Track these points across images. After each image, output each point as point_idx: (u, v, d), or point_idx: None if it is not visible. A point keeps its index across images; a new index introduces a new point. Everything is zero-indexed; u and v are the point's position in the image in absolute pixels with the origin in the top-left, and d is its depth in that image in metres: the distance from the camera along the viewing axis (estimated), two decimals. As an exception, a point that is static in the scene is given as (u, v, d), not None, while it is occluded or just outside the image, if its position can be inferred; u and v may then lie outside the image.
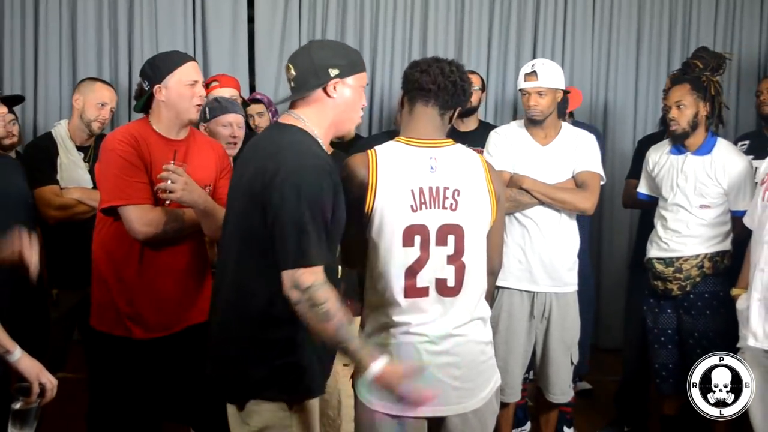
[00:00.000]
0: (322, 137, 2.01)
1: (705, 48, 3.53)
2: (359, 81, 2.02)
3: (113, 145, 2.44)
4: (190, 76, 2.49)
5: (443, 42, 5.03)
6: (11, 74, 4.74)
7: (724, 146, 3.18)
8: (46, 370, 1.97)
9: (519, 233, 3.11)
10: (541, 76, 3.09)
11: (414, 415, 2.05)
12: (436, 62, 2.09)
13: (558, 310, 3.15)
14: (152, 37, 4.83)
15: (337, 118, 2.01)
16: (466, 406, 2.09)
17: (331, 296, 1.81)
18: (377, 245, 2.04)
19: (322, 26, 4.97)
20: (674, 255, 3.16)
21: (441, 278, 2.05)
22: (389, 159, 2.06)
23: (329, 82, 1.96)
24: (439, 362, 2.05)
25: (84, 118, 3.33)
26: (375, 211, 2.02)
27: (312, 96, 1.98)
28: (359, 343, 1.91)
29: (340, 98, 1.98)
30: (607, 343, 4.94)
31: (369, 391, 2.02)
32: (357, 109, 2.04)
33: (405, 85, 2.13)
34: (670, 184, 3.21)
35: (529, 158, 3.13)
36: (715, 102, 3.17)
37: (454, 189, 2.06)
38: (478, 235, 2.10)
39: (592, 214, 3.21)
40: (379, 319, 2.07)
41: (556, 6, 5.09)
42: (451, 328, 2.06)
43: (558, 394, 3.23)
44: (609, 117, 5.17)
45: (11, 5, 4.71)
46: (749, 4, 5.18)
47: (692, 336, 3.18)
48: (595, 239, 4.85)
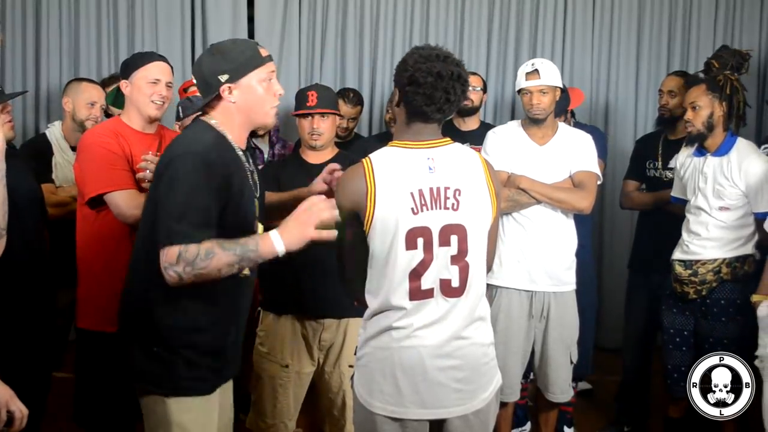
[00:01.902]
0: (235, 135, 2.08)
1: (725, 47, 3.49)
2: (258, 76, 2.05)
3: (92, 140, 2.56)
4: (153, 75, 2.61)
5: (443, 42, 5.02)
6: (12, 74, 4.76)
7: (742, 146, 3.09)
8: (17, 397, 1.91)
9: (517, 233, 3.11)
10: (543, 75, 3.10)
11: (416, 417, 2.04)
12: (440, 80, 1.96)
13: (557, 310, 3.14)
14: (152, 37, 4.83)
15: (245, 117, 2.08)
16: (467, 408, 2.08)
17: (196, 247, 1.87)
18: (380, 251, 2.01)
19: (322, 26, 4.98)
20: (693, 258, 3.10)
21: (445, 279, 2.03)
22: (386, 164, 2.03)
23: (220, 88, 2.03)
24: (442, 365, 2.04)
25: (76, 118, 3.41)
26: (376, 218, 1.99)
27: (214, 103, 2.07)
28: (251, 243, 1.93)
29: (239, 100, 2.05)
30: (607, 343, 4.93)
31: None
32: (264, 103, 2.07)
33: (405, 103, 2.04)
34: (692, 186, 3.16)
35: (526, 158, 3.12)
36: (734, 101, 3.09)
37: (455, 188, 2.03)
38: (481, 235, 2.08)
39: (589, 213, 3.20)
40: (381, 322, 2.05)
41: (556, 6, 5.09)
42: (454, 330, 2.05)
43: (558, 394, 3.23)
44: (609, 117, 5.16)
45: (12, 5, 4.72)
46: (749, 4, 5.18)
47: (707, 341, 3.10)
48: (596, 239, 4.84)
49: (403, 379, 2.02)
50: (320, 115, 2.90)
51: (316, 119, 2.90)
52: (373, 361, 2.05)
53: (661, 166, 3.72)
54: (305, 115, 2.92)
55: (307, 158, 2.95)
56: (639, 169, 3.84)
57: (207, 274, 1.89)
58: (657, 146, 3.77)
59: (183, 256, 1.86)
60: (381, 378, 2.04)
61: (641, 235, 3.90)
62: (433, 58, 1.99)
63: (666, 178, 3.64)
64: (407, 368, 2.02)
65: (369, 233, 2.01)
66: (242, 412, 3.36)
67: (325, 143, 2.93)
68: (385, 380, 2.03)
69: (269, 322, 2.93)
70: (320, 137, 2.90)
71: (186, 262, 1.86)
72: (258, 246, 1.92)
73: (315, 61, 5.00)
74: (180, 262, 1.87)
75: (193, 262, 1.86)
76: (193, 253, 1.86)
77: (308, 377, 2.97)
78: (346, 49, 5.00)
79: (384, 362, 2.03)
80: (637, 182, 3.85)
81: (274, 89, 2.09)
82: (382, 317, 2.05)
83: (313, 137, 2.90)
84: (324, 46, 4.99)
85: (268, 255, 1.94)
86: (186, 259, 1.86)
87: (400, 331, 2.03)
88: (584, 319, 3.28)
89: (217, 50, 2.09)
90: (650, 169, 3.78)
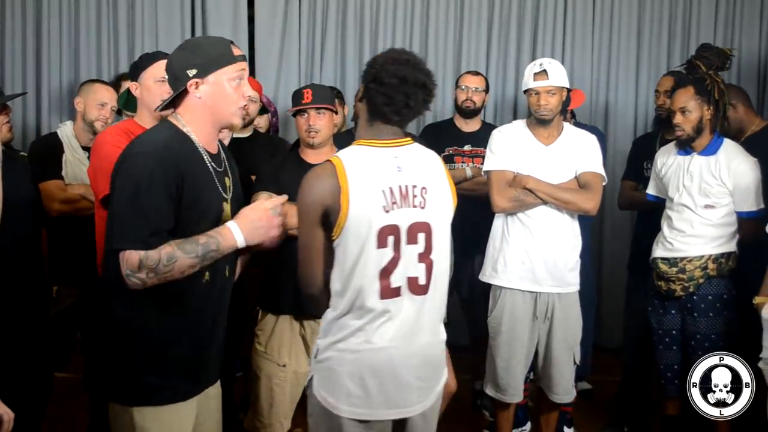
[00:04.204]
0: (202, 135, 2.05)
1: (708, 46, 3.50)
2: (226, 74, 2.02)
3: (105, 139, 2.52)
4: (161, 73, 2.53)
5: (443, 42, 5.04)
6: (12, 74, 4.76)
7: (730, 147, 3.16)
8: (1, 402, 1.92)
9: (522, 234, 3.11)
10: (551, 75, 3.10)
11: (383, 418, 2.03)
12: (403, 84, 1.97)
13: (561, 310, 3.15)
14: (152, 37, 4.84)
15: (211, 115, 2.04)
16: (425, 404, 2.08)
17: (157, 253, 1.87)
18: (351, 250, 1.97)
19: (322, 26, 4.98)
20: (678, 255, 3.14)
21: (413, 276, 2.02)
22: (357, 163, 2.00)
23: (187, 83, 2.00)
24: (409, 364, 2.03)
25: (86, 118, 3.42)
26: (350, 217, 1.96)
27: (182, 99, 2.04)
28: (212, 242, 1.94)
29: (205, 96, 2.02)
30: (607, 343, 4.94)
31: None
32: (230, 102, 2.04)
33: (367, 100, 2.05)
34: (676, 184, 3.19)
35: (532, 158, 3.13)
36: (720, 104, 3.14)
37: (422, 187, 2.04)
38: (444, 232, 2.10)
39: (595, 214, 3.21)
40: (350, 324, 2.01)
41: (556, 6, 5.09)
42: (422, 329, 2.05)
43: (561, 394, 3.23)
44: (609, 117, 5.17)
45: (12, 5, 4.73)
46: (749, 4, 5.18)
47: (694, 338, 3.15)
48: (596, 239, 4.84)
49: (371, 381, 2.00)
50: (316, 112, 2.91)
51: (312, 116, 2.90)
52: (340, 364, 2.01)
53: (659, 167, 3.73)
54: (302, 113, 2.93)
55: (306, 158, 2.94)
56: (636, 170, 3.85)
57: (171, 277, 1.90)
58: (654, 146, 3.76)
59: (145, 264, 1.86)
60: (349, 380, 2.00)
61: (639, 236, 3.89)
62: (402, 62, 1.99)
63: (664, 178, 3.65)
64: (377, 370, 2.00)
65: (341, 233, 1.98)
66: (243, 412, 3.37)
67: (323, 141, 2.93)
68: (353, 383, 2.00)
69: (267, 322, 2.94)
70: (317, 134, 2.91)
71: (148, 269, 1.87)
72: (219, 244, 1.95)
73: (315, 61, 5.00)
74: (142, 269, 1.87)
75: (155, 268, 1.87)
76: (154, 259, 1.86)
77: (305, 377, 2.97)
78: (346, 49, 5.00)
79: (353, 365, 2.00)
80: (634, 182, 3.85)
81: (243, 90, 2.05)
82: (351, 319, 2.01)
83: (311, 134, 2.91)
84: (324, 46, 4.99)
85: (229, 250, 1.97)
86: (148, 266, 1.86)
87: (371, 333, 2.00)
88: (583, 320, 3.28)
89: (189, 45, 2.07)
90: (647, 169, 3.77)
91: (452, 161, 3.97)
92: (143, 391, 2.00)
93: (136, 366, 1.99)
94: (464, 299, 4.04)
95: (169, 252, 1.88)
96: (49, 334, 2.89)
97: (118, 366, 2.01)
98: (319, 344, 2.08)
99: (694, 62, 3.32)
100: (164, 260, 1.87)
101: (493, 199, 3.13)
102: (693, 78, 3.24)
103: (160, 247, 1.87)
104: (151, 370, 1.99)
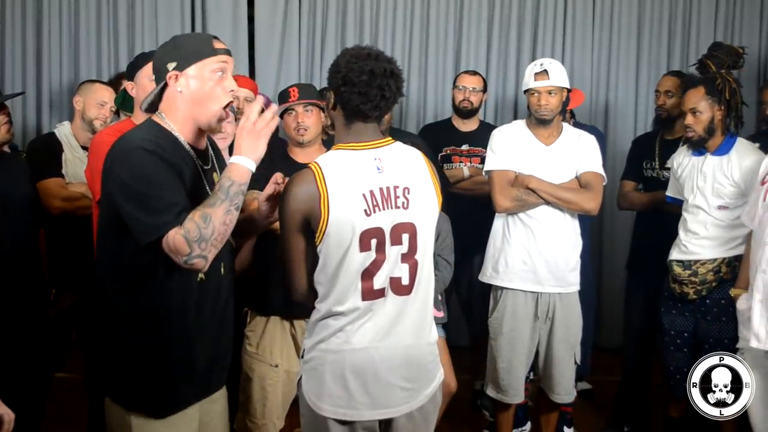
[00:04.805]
0: (184, 132, 1.98)
1: (719, 44, 3.47)
2: (207, 66, 1.94)
3: (103, 139, 2.51)
4: None
5: (443, 42, 5.04)
6: (12, 74, 4.76)
7: (743, 146, 3.12)
8: (2, 403, 1.91)
9: (523, 234, 3.11)
10: (552, 75, 3.10)
11: (366, 419, 2.03)
12: (374, 77, 1.96)
13: (562, 310, 3.15)
14: (152, 37, 4.83)
15: (191, 110, 1.96)
16: (412, 405, 2.07)
17: (191, 222, 1.80)
18: (333, 254, 1.97)
19: (322, 26, 4.98)
20: (692, 258, 3.11)
21: (396, 277, 2.02)
22: (335, 168, 1.99)
23: (167, 75, 1.95)
24: (392, 365, 2.03)
25: (85, 117, 3.42)
26: (331, 222, 1.96)
27: (165, 94, 1.99)
28: (226, 182, 1.86)
29: (185, 90, 1.95)
30: (607, 343, 4.94)
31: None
32: (210, 97, 1.96)
33: (341, 105, 2.02)
34: (691, 185, 3.16)
35: (533, 158, 3.13)
36: (732, 102, 3.10)
37: (404, 187, 2.03)
38: (429, 231, 2.09)
39: (596, 214, 3.21)
40: (331, 325, 2.01)
41: (556, 6, 5.09)
42: (405, 330, 2.04)
43: (562, 394, 3.23)
44: (609, 117, 5.17)
45: (12, 5, 4.73)
46: (749, 4, 5.18)
47: (707, 341, 3.11)
48: (595, 239, 4.84)
49: (353, 381, 2.00)
50: (304, 110, 2.91)
51: (300, 114, 2.91)
52: (323, 364, 2.02)
53: (658, 166, 3.72)
54: (289, 111, 2.93)
55: (296, 157, 2.93)
56: (636, 170, 3.84)
57: (220, 237, 1.83)
58: (654, 146, 3.77)
59: (189, 238, 1.79)
60: (331, 381, 2.01)
61: (639, 236, 3.89)
62: (364, 56, 1.98)
63: (663, 178, 3.63)
64: (358, 370, 2.00)
65: (323, 238, 1.97)
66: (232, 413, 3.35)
67: (312, 138, 2.93)
68: (335, 383, 2.01)
69: (257, 323, 2.92)
70: (306, 132, 2.91)
71: (197, 241, 1.79)
72: (231, 178, 1.86)
73: (315, 61, 5.00)
74: (192, 244, 1.79)
75: (201, 236, 1.79)
76: (194, 229, 1.79)
77: (297, 376, 2.97)
78: (346, 49, 5.00)
79: (335, 365, 2.01)
80: (634, 182, 3.85)
81: (225, 84, 1.97)
82: (332, 320, 2.02)
83: (299, 132, 2.91)
84: (324, 46, 4.99)
85: (246, 177, 1.88)
86: (193, 238, 1.79)
87: (351, 333, 2.00)
88: (582, 320, 3.27)
89: (171, 40, 2.04)
90: (647, 169, 3.78)
91: (450, 161, 3.97)
92: (144, 396, 1.96)
93: (136, 369, 1.95)
94: (463, 299, 4.04)
95: (199, 215, 1.81)
96: (47, 333, 2.89)
97: (117, 368, 1.98)
98: (305, 344, 2.09)
99: (705, 61, 3.29)
100: (201, 224, 1.79)
101: (495, 199, 3.12)
102: (704, 78, 3.21)
103: (186, 220, 1.81)
104: (151, 372, 1.95)
